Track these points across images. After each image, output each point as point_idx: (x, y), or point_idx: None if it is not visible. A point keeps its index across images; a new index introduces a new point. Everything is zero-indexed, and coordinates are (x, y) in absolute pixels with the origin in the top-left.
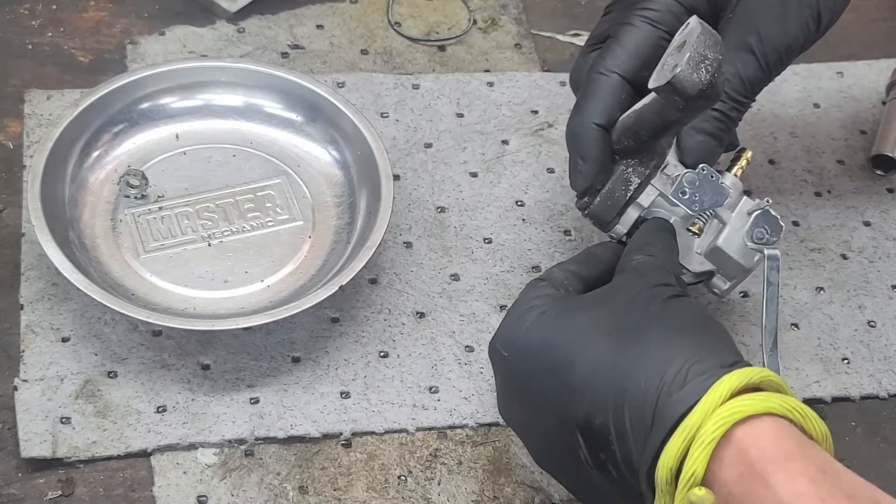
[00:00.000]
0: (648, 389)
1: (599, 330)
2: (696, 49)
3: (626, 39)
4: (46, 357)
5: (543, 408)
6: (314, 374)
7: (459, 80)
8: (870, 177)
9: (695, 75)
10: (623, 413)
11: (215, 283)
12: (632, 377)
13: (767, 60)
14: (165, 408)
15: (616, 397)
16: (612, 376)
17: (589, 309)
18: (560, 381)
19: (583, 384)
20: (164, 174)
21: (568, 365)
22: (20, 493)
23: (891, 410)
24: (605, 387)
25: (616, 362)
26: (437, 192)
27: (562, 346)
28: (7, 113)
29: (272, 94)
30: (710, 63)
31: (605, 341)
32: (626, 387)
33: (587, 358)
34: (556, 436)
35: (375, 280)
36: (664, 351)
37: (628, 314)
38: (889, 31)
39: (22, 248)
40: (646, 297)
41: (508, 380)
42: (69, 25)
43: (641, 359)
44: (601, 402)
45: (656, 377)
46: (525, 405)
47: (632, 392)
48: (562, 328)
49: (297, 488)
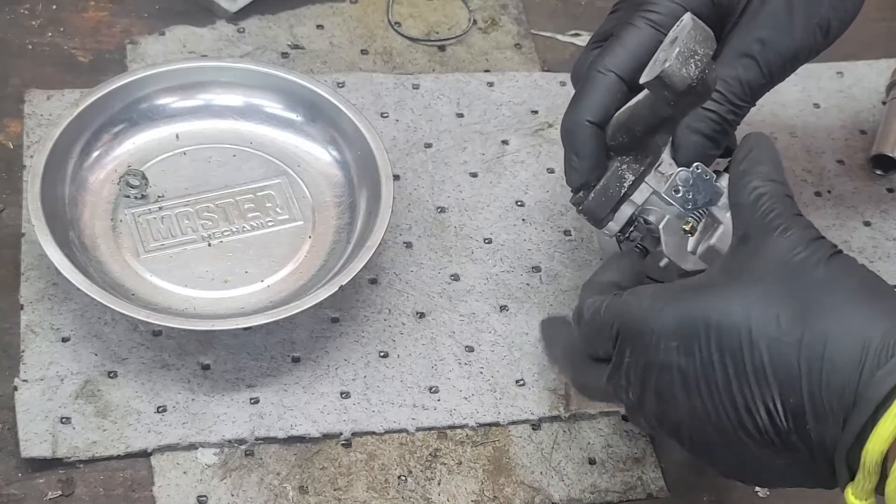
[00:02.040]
0: (848, 365)
1: (771, 305)
2: (685, 44)
3: (627, 39)
4: (46, 357)
5: (721, 394)
6: (314, 374)
7: (459, 80)
8: (870, 177)
9: (683, 70)
10: (821, 392)
11: (215, 283)
12: (825, 354)
13: (770, 66)
14: (165, 408)
15: (811, 376)
16: (802, 354)
17: (749, 284)
18: (739, 364)
19: (770, 365)
20: (164, 174)
21: (747, 346)
22: (20, 493)
23: None
24: (797, 366)
25: (803, 339)
26: (437, 192)
27: (734, 326)
28: (7, 113)
29: (272, 94)
30: (700, 59)
31: (782, 316)
32: (820, 365)
33: (768, 337)
34: (727, 422)
35: (375, 280)
36: (859, 323)
37: (795, 282)
38: (889, 31)
39: (22, 248)
40: (806, 259)
41: (680, 374)
42: (69, 25)
43: (833, 333)
44: (794, 383)
45: (855, 352)
46: (699, 396)
47: (828, 370)
48: (729, 306)
49: (297, 488)
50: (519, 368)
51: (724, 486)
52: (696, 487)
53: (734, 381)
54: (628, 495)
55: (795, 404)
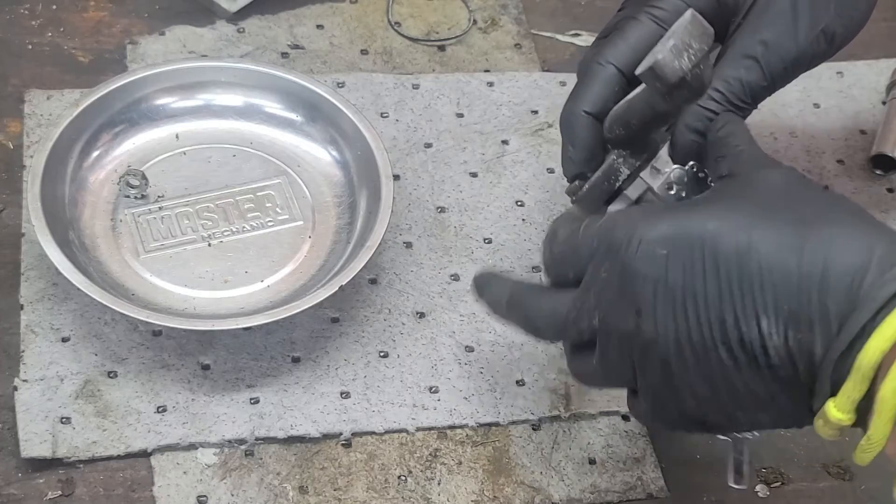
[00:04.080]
0: (850, 271)
1: (772, 218)
2: (681, 37)
3: (628, 33)
4: (46, 357)
5: (707, 306)
6: (314, 374)
7: (459, 80)
8: (870, 177)
9: (676, 62)
10: (819, 297)
11: (215, 283)
12: (827, 259)
13: (771, 70)
14: (165, 408)
15: (811, 280)
16: (804, 260)
17: (747, 201)
18: (733, 271)
19: (767, 269)
20: (164, 174)
21: (744, 252)
22: (20, 493)
23: None
24: (796, 271)
25: (805, 245)
26: (437, 192)
27: (732, 234)
28: (7, 113)
29: (272, 94)
30: (694, 52)
31: (781, 226)
32: (821, 270)
33: (767, 243)
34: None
35: (375, 280)
36: (862, 233)
37: (794, 203)
38: (889, 31)
39: (22, 248)
40: (801, 187)
41: (663, 285)
42: (69, 25)
43: (837, 239)
44: (792, 288)
45: (858, 258)
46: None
47: (830, 275)
48: (727, 217)
49: (297, 488)
50: (519, 368)
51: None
52: (696, 487)
53: (726, 292)
54: (628, 495)
55: (789, 310)
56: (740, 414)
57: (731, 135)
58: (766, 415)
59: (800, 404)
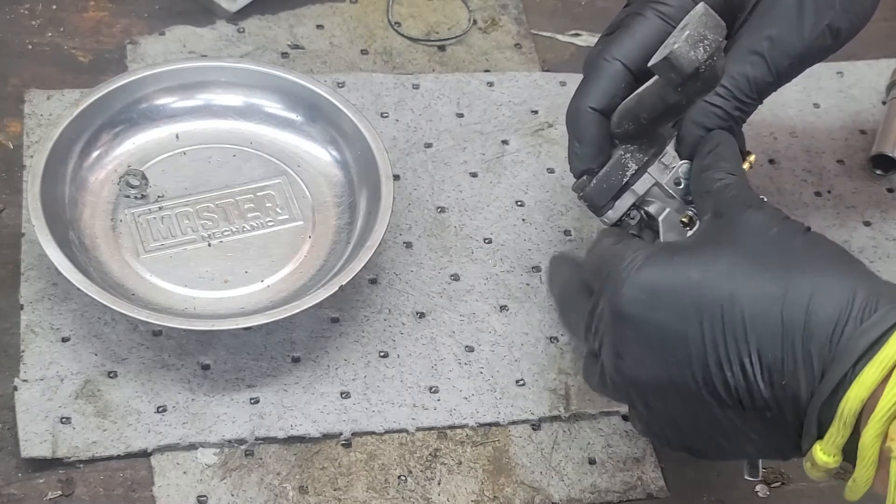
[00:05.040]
0: (831, 319)
1: (754, 265)
2: (696, 28)
3: (635, 29)
4: (46, 357)
5: (697, 351)
6: (314, 374)
7: (459, 80)
8: (870, 177)
9: (692, 53)
10: (802, 344)
11: (215, 283)
12: (809, 308)
13: (777, 65)
14: (165, 408)
15: (793, 328)
16: (785, 309)
17: (730, 247)
18: (717, 320)
19: (750, 319)
20: (164, 174)
21: (727, 302)
22: (20, 493)
23: None
24: (779, 319)
25: (787, 294)
26: (437, 192)
27: (715, 283)
28: (7, 113)
29: (272, 94)
30: (709, 44)
31: (764, 275)
32: (803, 318)
33: (750, 293)
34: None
35: (375, 280)
36: (842, 281)
37: (776, 248)
38: (889, 31)
39: (22, 248)
40: (783, 231)
41: (643, 329)
42: (69, 25)
43: (818, 289)
44: (775, 336)
45: (839, 306)
46: (665, 356)
47: (811, 323)
48: (710, 265)
49: (297, 488)
50: (519, 368)
51: (724, 485)
52: (696, 487)
53: (709, 340)
54: (628, 495)
55: (774, 357)
56: (726, 445)
57: (717, 163)
58: (752, 447)
59: (787, 440)
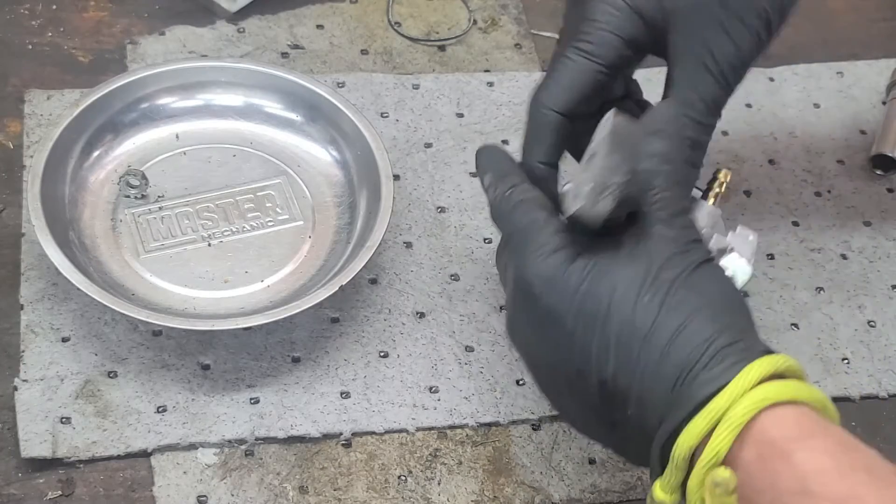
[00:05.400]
0: (677, 365)
1: (635, 291)
2: (599, 175)
3: (561, 75)
4: (46, 357)
5: (568, 350)
6: (314, 374)
7: (459, 80)
8: (870, 177)
9: (597, 207)
10: (650, 383)
11: (215, 283)
12: (666, 349)
13: (726, 77)
14: (165, 408)
15: (646, 367)
16: (645, 344)
17: (625, 264)
18: (593, 332)
19: (616, 343)
20: (164, 174)
21: (605, 317)
22: (20, 493)
23: (891, 410)
24: (637, 353)
25: (651, 331)
26: (437, 192)
27: (602, 296)
28: (7, 113)
29: (272, 94)
30: (614, 189)
31: (639, 305)
32: (657, 357)
33: (624, 317)
34: (573, 379)
35: (375, 280)
36: (705, 327)
37: (664, 277)
38: (889, 31)
39: (22, 248)
40: (679, 259)
41: (532, 309)
42: (69, 25)
43: (680, 333)
44: (630, 367)
45: (687, 354)
46: (544, 338)
47: (662, 365)
48: (602, 277)
49: (297, 488)
50: (519, 368)
51: None
52: None
53: (582, 342)
54: (628, 495)
55: (625, 386)
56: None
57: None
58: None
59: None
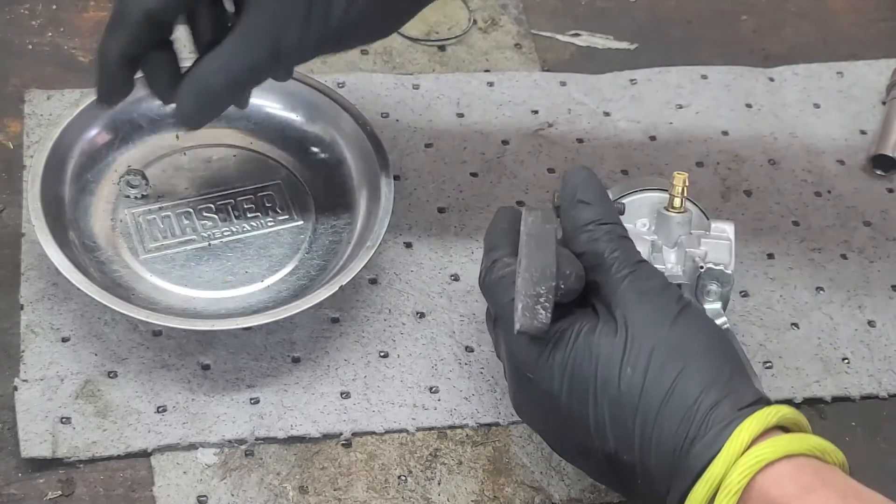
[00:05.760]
0: (671, 437)
1: (618, 362)
2: (526, 293)
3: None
4: (46, 357)
5: (570, 428)
6: (314, 374)
7: (459, 80)
8: (870, 177)
9: (535, 321)
10: (650, 457)
11: (215, 283)
12: (657, 422)
13: None
14: (165, 408)
15: (643, 441)
16: (638, 417)
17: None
18: (587, 411)
19: (610, 421)
20: (164, 174)
21: (595, 396)
22: (20, 493)
23: (891, 410)
24: (632, 428)
25: (640, 404)
26: (437, 192)
27: (587, 375)
28: (7, 113)
29: (272, 94)
30: (545, 296)
31: (626, 376)
32: (651, 431)
33: (612, 395)
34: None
35: (375, 280)
36: (683, 389)
37: (643, 339)
38: (889, 31)
39: (22, 248)
40: (655, 317)
41: (530, 390)
42: (69, 25)
43: (664, 401)
44: (629, 443)
45: (678, 423)
46: (546, 416)
47: (658, 438)
48: (585, 356)
49: (297, 488)
50: None
51: None
52: None
53: (577, 422)
54: None
55: (629, 461)
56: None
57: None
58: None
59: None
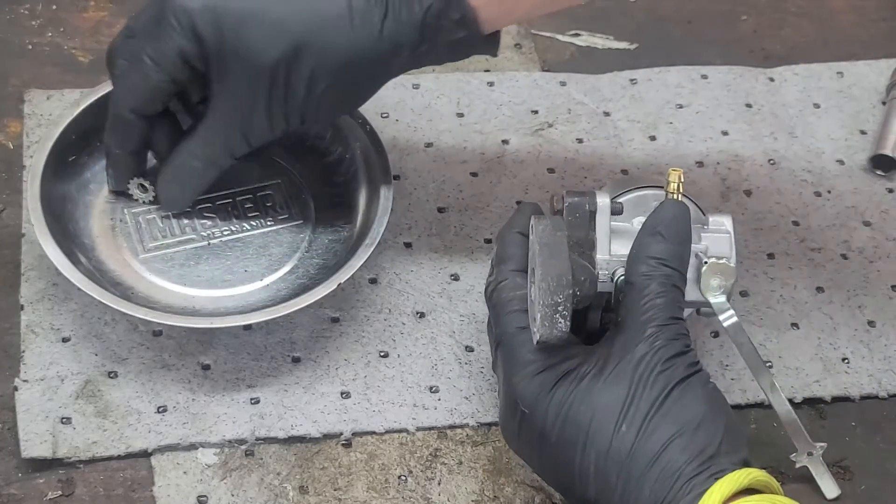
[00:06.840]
0: (649, 498)
1: (615, 416)
2: (543, 303)
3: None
4: (47, 357)
5: (553, 467)
6: (314, 374)
7: (459, 80)
8: (870, 177)
9: (554, 331)
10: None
11: (215, 282)
12: (638, 483)
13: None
14: (166, 408)
15: (623, 496)
16: (622, 472)
17: (609, 384)
18: (573, 457)
19: (595, 471)
20: None
21: (584, 445)
22: (20, 493)
23: (891, 410)
24: (615, 482)
25: (627, 461)
26: (437, 192)
27: (581, 423)
28: (7, 113)
29: None
30: (563, 306)
31: (619, 432)
32: (632, 490)
33: (602, 447)
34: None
35: (375, 280)
36: (670, 456)
37: (643, 396)
38: (889, 31)
39: (22, 248)
40: (660, 378)
41: (522, 423)
42: (69, 25)
43: (649, 463)
44: (608, 494)
45: (659, 487)
46: (533, 450)
47: (635, 498)
48: (583, 403)
49: (298, 488)
50: None
51: None
52: None
53: (562, 464)
54: None
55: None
56: None
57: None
58: None
59: None
